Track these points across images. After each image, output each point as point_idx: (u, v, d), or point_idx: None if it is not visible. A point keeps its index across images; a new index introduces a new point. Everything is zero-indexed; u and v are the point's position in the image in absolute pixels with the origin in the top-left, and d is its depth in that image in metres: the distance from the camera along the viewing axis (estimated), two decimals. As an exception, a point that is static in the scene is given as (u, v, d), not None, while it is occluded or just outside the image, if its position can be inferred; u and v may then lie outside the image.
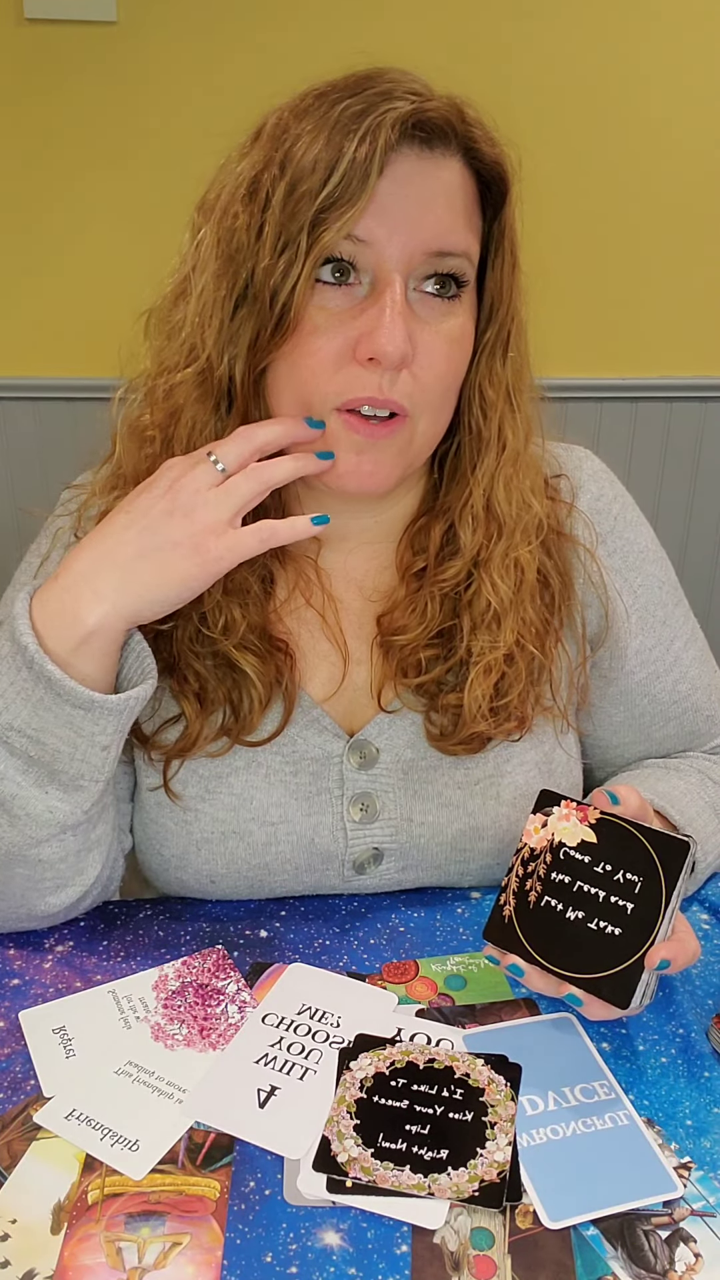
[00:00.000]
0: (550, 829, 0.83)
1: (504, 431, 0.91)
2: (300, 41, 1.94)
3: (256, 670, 0.92)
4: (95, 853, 0.91)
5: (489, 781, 0.97)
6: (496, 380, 0.90)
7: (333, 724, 0.96)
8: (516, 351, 0.90)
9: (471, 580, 0.93)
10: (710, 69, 2.04)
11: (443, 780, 0.96)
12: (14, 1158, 0.74)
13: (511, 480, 0.92)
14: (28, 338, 2.09)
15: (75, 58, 1.94)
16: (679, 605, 1.05)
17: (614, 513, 1.01)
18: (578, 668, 1.00)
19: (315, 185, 0.79)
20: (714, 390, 2.25)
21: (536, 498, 0.94)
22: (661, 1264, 0.67)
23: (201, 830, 0.95)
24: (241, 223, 0.83)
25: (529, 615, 0.94)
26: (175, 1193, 0.71)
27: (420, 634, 0.93)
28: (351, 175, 0.78)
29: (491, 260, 0.88)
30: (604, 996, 0.78)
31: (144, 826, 0.99)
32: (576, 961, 0.80)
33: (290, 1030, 0.83)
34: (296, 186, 0.79)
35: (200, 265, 0.86)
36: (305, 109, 0.82)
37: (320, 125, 0.80)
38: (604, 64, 2.02)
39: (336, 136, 0.79)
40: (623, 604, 1.00)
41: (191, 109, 1.94)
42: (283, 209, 0.80)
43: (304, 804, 0.96)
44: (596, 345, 2.20)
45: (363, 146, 0.78)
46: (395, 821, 0.96)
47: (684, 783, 1.01)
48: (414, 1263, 0.67)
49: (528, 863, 0.83)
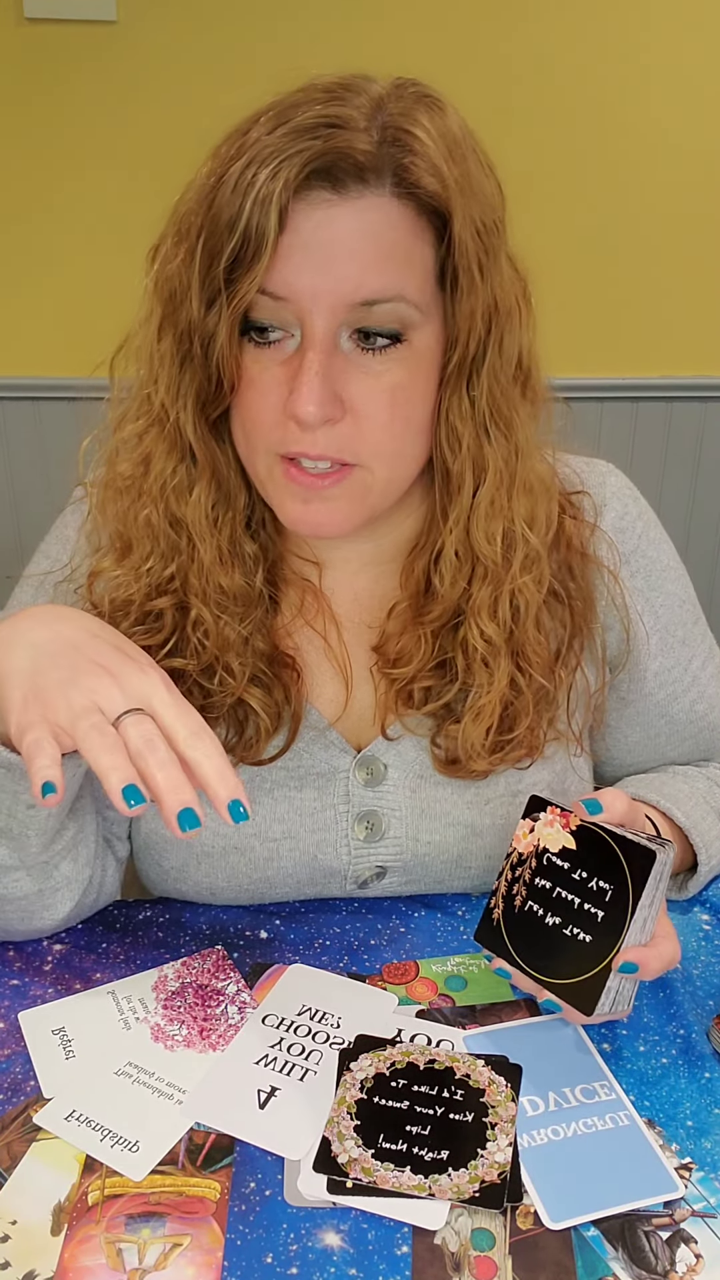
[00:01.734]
0: (536, 834, 0.83)
1: (483, 463, 0.85)
2: (300, 41, 1.94)
3: (262, 703, 0.90)
4: (63, 892, 0.90)
5: (500, 802, 0.95)
6: (464, 413, 0.83)
7: (340, 739, 0.95)
8: (496, 375, 0.83)
9: (460, 620, 0.90)
10: (712, 70, 2.04)
11: (452, 799, 0.95)
12: (14, 1159, 0.74)
13: (495, 517, 0.86)
14: (28, 338, 2.09)
15: (75, 57, 1.95)
16: (697, 623, 1.03)
17: (638, 531, 0.98)
18: (596, 692, 0.97)
19: (222, 243, 0.75)
20: (714, 390, 2.25)
21: (537, 526, 0.88)
22: (662, 1265, 0.67)
23: (202, 844, 0.95)
24: (175, 269, 0.80)
25: (533, 648, 0.90)
26: (175, 1194, 0.71)
27: (417, 666, 0.91)
28: (250, 233, 0.74)
29: (450, 289, 0.81)
30: (571, 1002, 0.79)
31: (143, 837, 0.98)
32: (552, 967, 0.80)
33: (290, 1031, 0.83)
34: (209, 241, 0.76)
35: (148, 316, 0.84)
36: (230, 149, 0.77)
37: (234, 170, 0.75)
38: (605, 64, 2.02)
39: (242, 186, 0.74)
40: (644, 625, 0.98)
41: (191, 109, 1.94)
42: (201, 262, 0.77)
43: (308, 820, 0.95)
44: (597, 345, 2.20)
45: (259, 203, 0.73)
46: (401, 840, 0.95)
47: (689, 786, 1.01)
48: (414, 1264, 0.67)
49: (516, 867, 0.84)
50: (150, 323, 0.83)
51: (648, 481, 2.28)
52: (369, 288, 0.76)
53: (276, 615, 0.94)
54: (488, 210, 0.80)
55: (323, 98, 0.76)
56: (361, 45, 1.95)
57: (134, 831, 0.99)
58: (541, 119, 2.03)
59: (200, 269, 0.78)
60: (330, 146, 0.74)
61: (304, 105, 0.76)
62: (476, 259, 0.79)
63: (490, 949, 0.84)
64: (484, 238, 0.80)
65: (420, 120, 0.77)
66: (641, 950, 0.77)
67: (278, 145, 0.74)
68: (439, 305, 0.81)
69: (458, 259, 0.79)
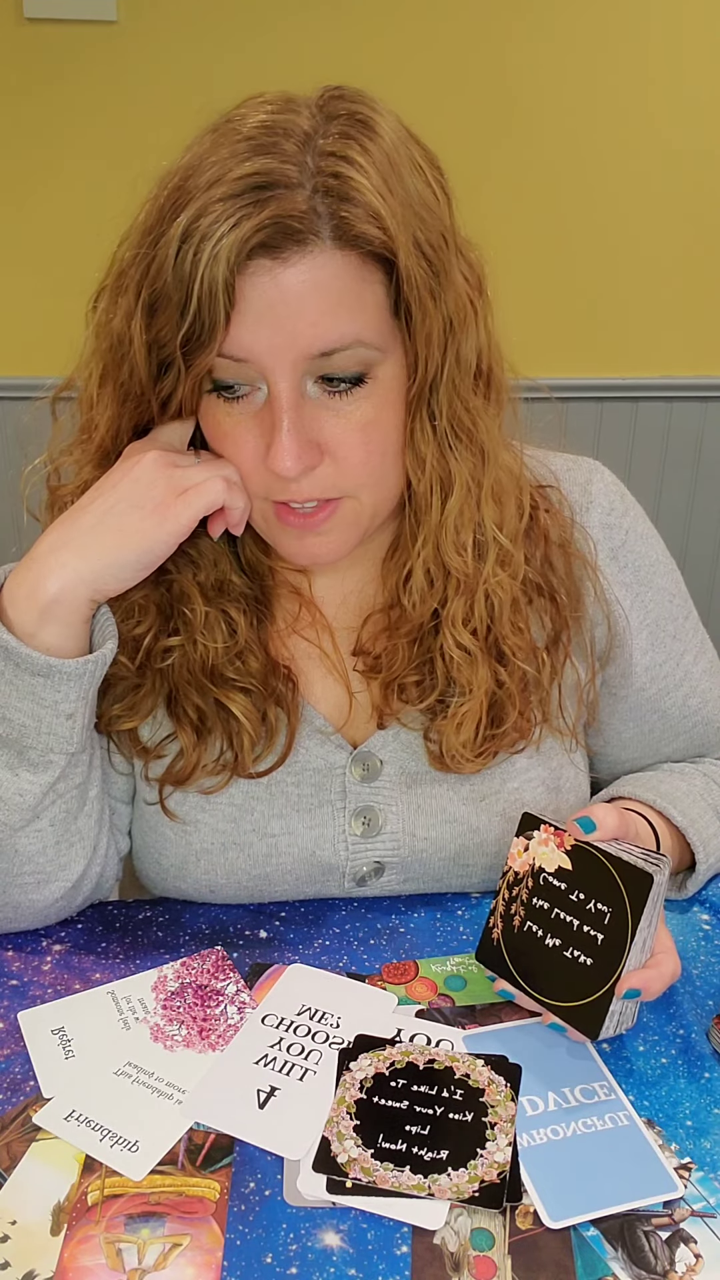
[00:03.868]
0: (531, 853, 0.83)
1: (449, 479, 0.85)
2: (300, 41, 1.94)
3: (245, 710, 0.91)
4: (77, 847, 0.91)
5: (495, 797, 0.96)
6: (426, 435, 0.84)
7: (336, 735, 0.95)
8: (455, 389, 0.83)
9: (439, 623, 0.91)
10: (711, 70, 2.04)
11: (447, 795, 0.95)
12: (14, 1159, 0.74)
13: (465, 528, 0.87)
14: (27, 338, 2.09)
15: (75, 57, 1.94)
16: (688, 618, 1.03)
17: (625, 526, 0.98)
18: (587, 684, 0.98)
19: (173, 322, 0.77)
20: (714, 390, 2.25)
21: (508, 526, 0.88)
22: (662, 1265, 0.67)
23: (201, 841, 0.95)
24: (119, 326, 0.81)
25: (513, 640, 0.91)
26: (175, 1194, 0.71)
27: (399, 669, 0.92)
28: (201, 316, 0.75)
29: (404, 317, 0.81)
30: (575, 1026, 0.79)
31: (142, 835, 0.98)
32: (553, 989, 0.80)
33: (290, 1031, 0.83)
34: (158, 316, 0.78)
35: (89, 366, 0.86)
36: (168, 202, 0.77)
37: (171, 240, 0.75)
38: (604, 63, 2.02)
39: (184, 268, 0.75)
40: (633, 620, 0.98)
41: (191, 109, 1.94)
42: (148, 331, 0.79)
43: (305, 816, 0.95)
44: (596, 345, 2.20)
45: (205, 287, 0.74)
46: (398, 835, 0.95)
47: (686, 784, 1.01)
48: (414, 1263, 0.67)
49: (513, 886, 0.84)
50: (92, 373, 0.86)
51: (647, 481, 2.29)
52: (324, 339, 0.77)
53: (270, 623, 0.95)
54: (432, 226, 0.80)
55: (251, 144, 0.76)
56: (361, 44, 1.96)
57: (134, 829, 0.99)
58: (541, 119, 2.03)
59: (148, 337, 0.79)
60: (267, 217, 0.73)
61: (235, 156, 0.75)
62: (427, 287, 0.79)
63: (493, 969, 0.84)
64: (431, 260, 0.80)
65: (352, 157, 0.76)
66: (643, 973, 0.78)
67: (217, 214, 0.73)
68: (398, 335, 0.81)
69: (408, 292, 0.79)
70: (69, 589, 0.83)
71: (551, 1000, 0.81)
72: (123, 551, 0.83)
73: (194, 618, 0.90)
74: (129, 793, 0.98)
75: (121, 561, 0.84)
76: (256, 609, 0.93)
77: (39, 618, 0.83)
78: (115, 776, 0.97)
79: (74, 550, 0.83)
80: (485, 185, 1.96)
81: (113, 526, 0.83)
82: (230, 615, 0.91)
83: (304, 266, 0.76)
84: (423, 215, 0.79)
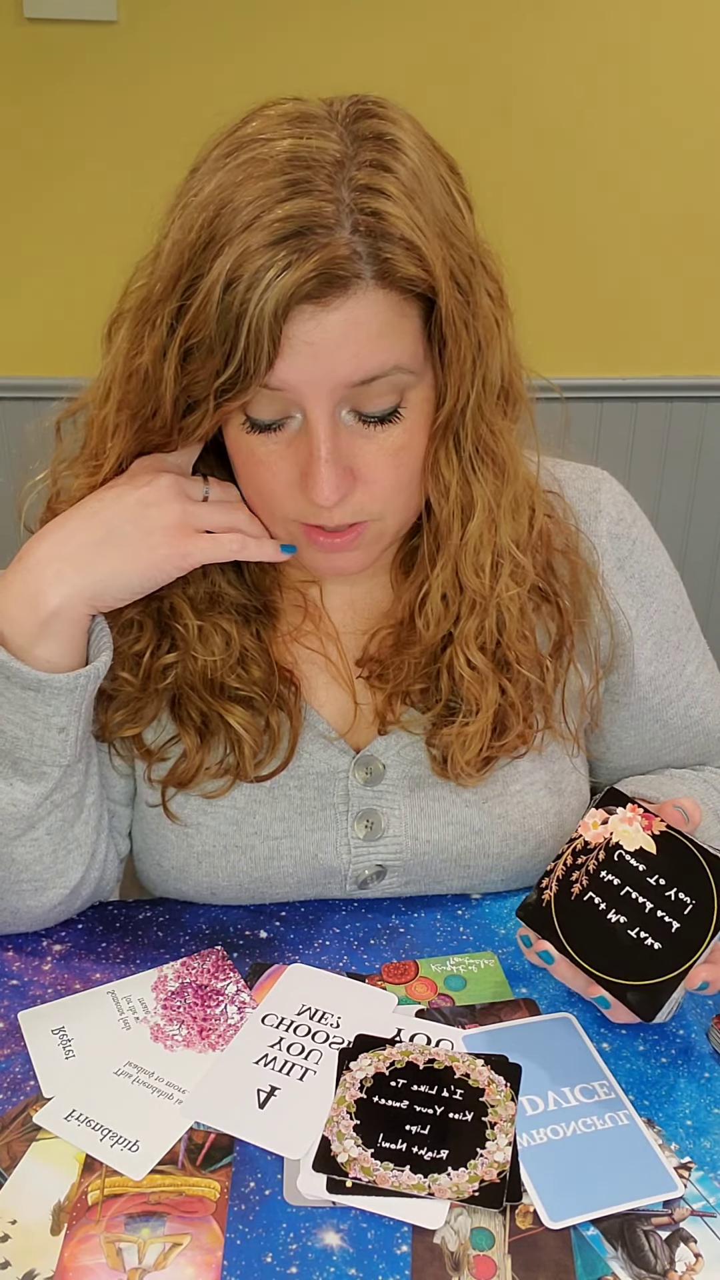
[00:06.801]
0: (610, 827, 0.83)
1: (470, 503, 0.86)
2: (301, 42, 1.94)
3: (243, 722, 0.91)
4: (75, 854, 0.91)
5: (498, 800, 0.96)
6: (450, 461, 0.84)
7: (340, 740, 0.95)
8: (480, 412, 0.84)
9: (449, 642, 0.91)
10: (711, 70, 2.04)
11: (450, 798, 0.95)
12: (14, 1158, 0.74)
13: (484, 549, 0.87)
14: (27, 338, 2.09)
15: (75, 57, 1.94)
16: (691, 629, 1.04)
17: (633, 537, 0.98)
18: (590, 691, 0.98)
19: (214, 363, 0.75)
20: (714, 390, 2.25)
21: (524, 542, 0.89)
22: (662, 1264, 0.67)
23: (202, 843, 0.95)
24: (146, 363, 0.80)
25: (519, 651, 0.91)
26: (175, 1193, 0.71)
27: (407, 679, 0.92)
28: (245, 359, 0.74)
29: (439, 344, 0.80)
30: (629, 1004, 0.78)
31: (143, 837, 0.98)
32: (606, 962, 0.80)
33: (290, 1031, 0.83)
34: (194, 354, 0.77)
35: (106, 393, 0.85)
36: (200, 234, 0.75)
37: (213, 281, 0.74)
38: (605, 63, 2.02)
39: (231, 315, 0.73)
40: (637, 630, 0.98)
41: (191, 109, 1.94)
42: (184, 372, 0.78)
43: (308, 820, 0.95)
44: (596, 345, 2.20)
45: (252, 335, 0.73)
46: (400, 839, 0.95)
47: (686, 788, 1.02)
48: (414, 1263, 0.67)
49: (579, 854, 0.83)
50: (110, 402, 0.85)
51: (646, 482, 2.29)
52: (364, 369, 0.77)
53: (275, 627, 0.95)
54: (462, 250, 0.80)
55: (284, 181, 0.73)
56: (361, 43, 1.96)
57: (135, 831, 0.99)
58: (541, 118, 2.03)
59: (183, 380, 0.78)
60: (311, 269, 0.72)
61: (270, 194, 0.73)
62: (462, 318, 0.80)
63: (534, 929, 0.83)
64: (463, 287, 0.80)
65: (386, 189, 0.75)
66: (712, 968, 0.78)
67: (260, 264, 0.72)
68: (430, 359, 0.81)
69: (445, 328, 0.79)
70: (69, 604, 0.83)
71: (602, 973, 0.80)
72: (126, 575, 0.83)
73: (187, 632, 0.90)
74: (129, 795, 0.98)
75: (122, 583, 0.84)
76: (258, 617, 0.93)
77: (38, 631, 0.83)
78: (115, 779, 0.97)
79: (76, 565, 0.83)
80: (484, 185, 1.96)
81: (117, 545, 0.83)
82: (223, 627, 0.91)
83: (347, 308, 0.75)
84: (453, 240, 0.79)
